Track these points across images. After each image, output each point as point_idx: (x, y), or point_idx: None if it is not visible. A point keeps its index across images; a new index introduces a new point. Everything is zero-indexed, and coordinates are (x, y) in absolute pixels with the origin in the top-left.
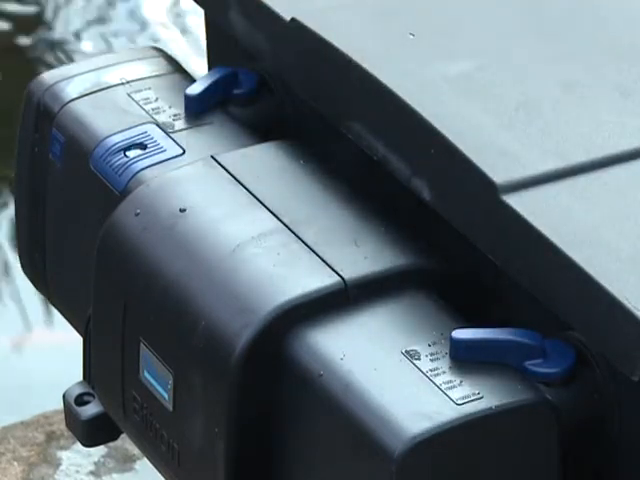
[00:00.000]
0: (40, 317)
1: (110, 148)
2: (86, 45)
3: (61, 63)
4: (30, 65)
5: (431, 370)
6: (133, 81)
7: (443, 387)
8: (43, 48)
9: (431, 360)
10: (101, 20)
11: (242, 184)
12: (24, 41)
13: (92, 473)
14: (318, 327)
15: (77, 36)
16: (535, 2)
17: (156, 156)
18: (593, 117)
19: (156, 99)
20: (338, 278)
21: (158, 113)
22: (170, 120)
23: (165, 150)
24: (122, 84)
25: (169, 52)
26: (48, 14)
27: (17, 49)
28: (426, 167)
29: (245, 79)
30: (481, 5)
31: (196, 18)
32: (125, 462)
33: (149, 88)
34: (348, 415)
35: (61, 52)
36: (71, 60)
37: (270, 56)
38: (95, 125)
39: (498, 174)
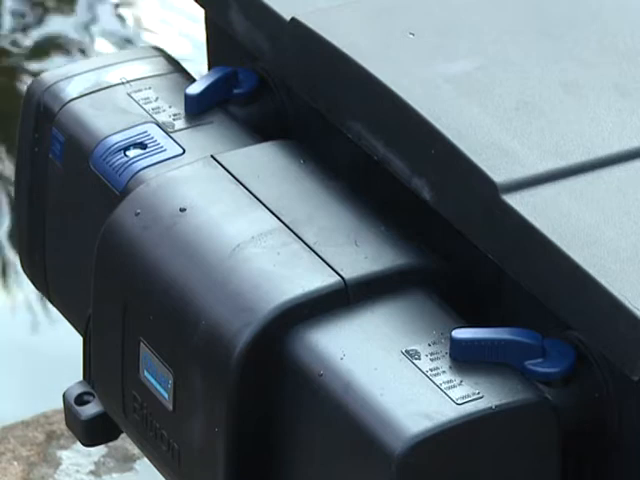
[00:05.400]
0: None
1: (110, 148)
2: None
3: None
4: None
5: (431, 370)
6: (133, 81)
7: (443, 387)
8: None
9: (431, 360)
10: None
11: (242, 184)
12: None
13: (92, 473)
14: (318, 327)
15: None
16: (535, 2)
17: (156, 156)
18: (593, 117)
19: (156, 99)
20: (338, 278)
21: (158, 113)
22: (170, 120)
23: (165, 150)
24: (122, 84)
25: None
26: None
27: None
28: (426, 167)
29: (245, 79)
30: (481, 5)
31: None
32: (125, 462)
33: (149, 88)
34: (348, 415)
35: None
36: None
37: (270, 56)
38: (95, 125)
39: (498, 174)
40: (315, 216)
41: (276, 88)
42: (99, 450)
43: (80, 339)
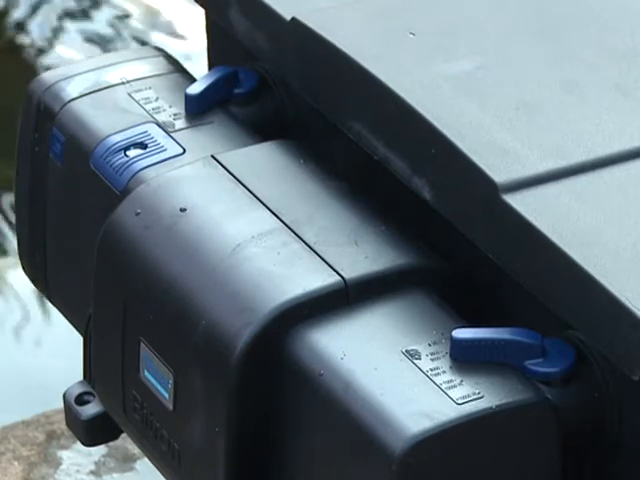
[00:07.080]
0: None
1: (110, 147)
2: None
3: None
4: None
5: (431, 370)
6: (133, 80)
7: (443, 387)
8: None
9: (431, 360)
10: None
11: (242, 184)
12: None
13: (92, 472)
14: (318, 326)
15: None
16: (535, 2)
17: (156, 155)
18: (593, 117)
19: (156, 98)
20: (338, 278)
21: (158, 112)
22: (170, 119)
23: (165, 149)
24: (122, 83)
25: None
26: None
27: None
28: (426, 167)
29: (245, 78)
30: (481, 5)
31: None
32: (125, 461)
33: (149, 87)
34: (348, 414)
35: None
36: None
37: (270, 55)
38: (95, 124)
39: (498, 173)
40: (315, 216)
41: (276, 88)
42: (99, 450)
43: (81, 338)
